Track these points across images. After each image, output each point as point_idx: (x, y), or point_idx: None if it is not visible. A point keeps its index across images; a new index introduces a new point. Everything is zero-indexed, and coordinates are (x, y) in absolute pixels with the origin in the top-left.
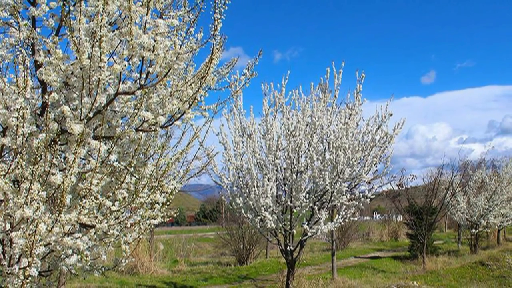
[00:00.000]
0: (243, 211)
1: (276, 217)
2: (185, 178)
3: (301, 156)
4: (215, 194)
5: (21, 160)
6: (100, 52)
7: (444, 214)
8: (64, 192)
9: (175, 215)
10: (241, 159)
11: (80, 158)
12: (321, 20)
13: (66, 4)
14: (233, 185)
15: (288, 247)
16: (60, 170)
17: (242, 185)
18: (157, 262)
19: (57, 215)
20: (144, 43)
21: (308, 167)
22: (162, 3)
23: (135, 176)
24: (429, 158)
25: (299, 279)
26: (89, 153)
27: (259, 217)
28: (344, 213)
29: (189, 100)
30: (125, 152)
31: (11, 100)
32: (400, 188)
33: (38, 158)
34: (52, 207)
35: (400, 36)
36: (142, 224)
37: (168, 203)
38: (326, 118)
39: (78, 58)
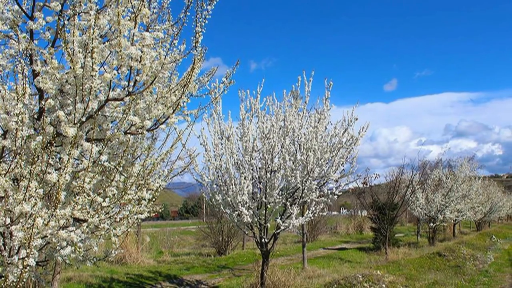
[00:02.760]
0: (222, 207)
1: (252, 212)
2: (169, 176)
3: (275, 156)
4: (196, 191)
5: (20, 160)
6: (92, 62)
7: (405, 209)
8: (59, 189)
9: (160, 210)
10: (220, 159)
11: (74, 158)
12: (293, 32)
13: (61, 18)
14: (213, 183)
15: (263, 239)
16: (55, 170)
17: (221, 183)
18: (144, 253)
19: (53, 210)
20: (132, 54)
21: (281, 167)
22: (148, 17)
23: (123, 175)
24: (391, 159)
25: (273, 269)
26: (82, 154)
27: (236, 212)
28: (313, 208)
29: (173, 106)
30: (115, 153)
31: (11, 106)
32: (365, 185)
33: (36, 159)
34: (48, 203)
35: (365, 47)
36: (130, 218)
37: (154, 199)
38: (298, 122)
39: (72, 67)
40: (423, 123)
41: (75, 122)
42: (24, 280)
